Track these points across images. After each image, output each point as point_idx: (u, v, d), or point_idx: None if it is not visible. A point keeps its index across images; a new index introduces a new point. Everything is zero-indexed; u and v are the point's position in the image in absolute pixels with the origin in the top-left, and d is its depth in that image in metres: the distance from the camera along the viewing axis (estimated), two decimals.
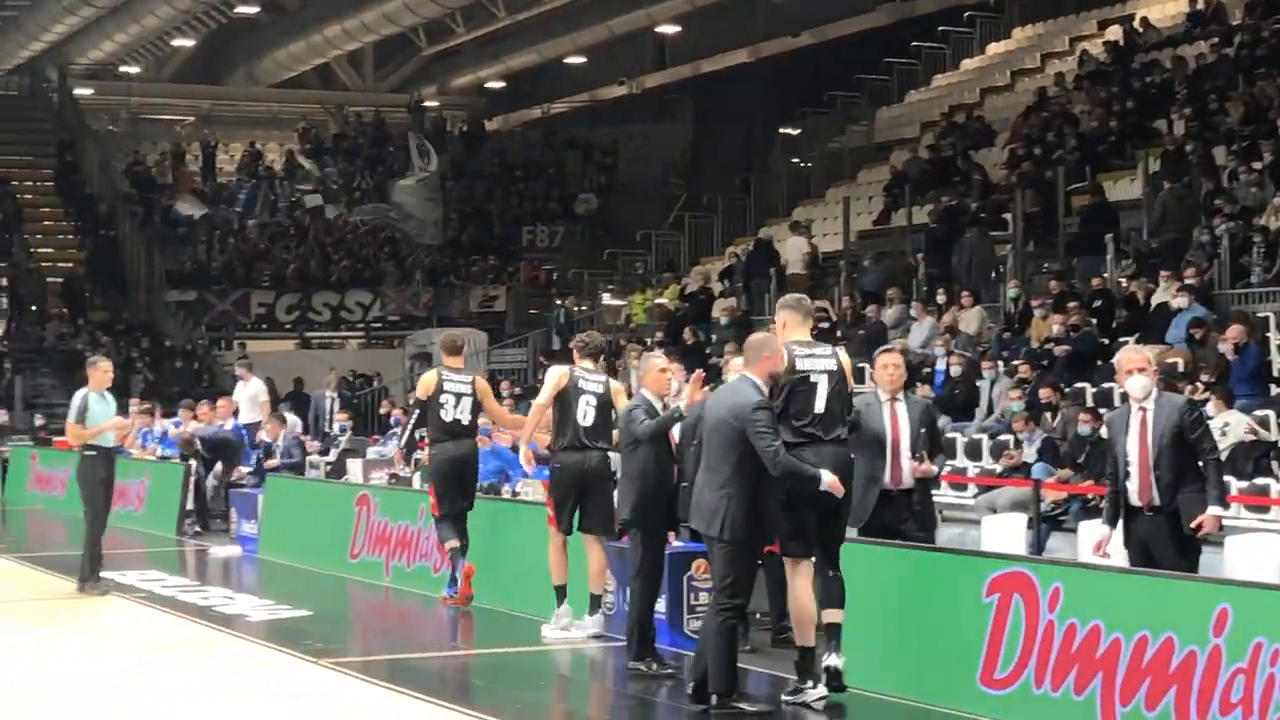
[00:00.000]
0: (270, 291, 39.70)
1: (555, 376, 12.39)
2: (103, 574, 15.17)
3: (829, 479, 9.53)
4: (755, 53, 42.06)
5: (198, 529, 20.74)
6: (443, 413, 13.77)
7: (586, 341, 12.65)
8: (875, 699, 9.89)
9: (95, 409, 15.05)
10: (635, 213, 42.05)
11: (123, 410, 15.59)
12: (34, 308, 37.78)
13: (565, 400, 12.20)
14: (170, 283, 39.30)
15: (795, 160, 36.46)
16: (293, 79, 48.09)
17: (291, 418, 23.07)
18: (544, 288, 40.31)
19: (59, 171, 43.15)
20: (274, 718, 9.79)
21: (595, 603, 12.11)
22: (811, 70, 38.68)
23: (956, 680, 9.54)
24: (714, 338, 25.40)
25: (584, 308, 34.77)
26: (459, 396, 13.83)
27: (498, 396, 17.75)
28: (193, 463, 21.19)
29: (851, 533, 10.37)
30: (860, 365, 22.80)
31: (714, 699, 9.55)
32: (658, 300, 30.28)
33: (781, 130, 37.88)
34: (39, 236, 41.46)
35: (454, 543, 13.69)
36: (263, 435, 21.18)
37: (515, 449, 16.00)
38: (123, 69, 46.48)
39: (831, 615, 9.84)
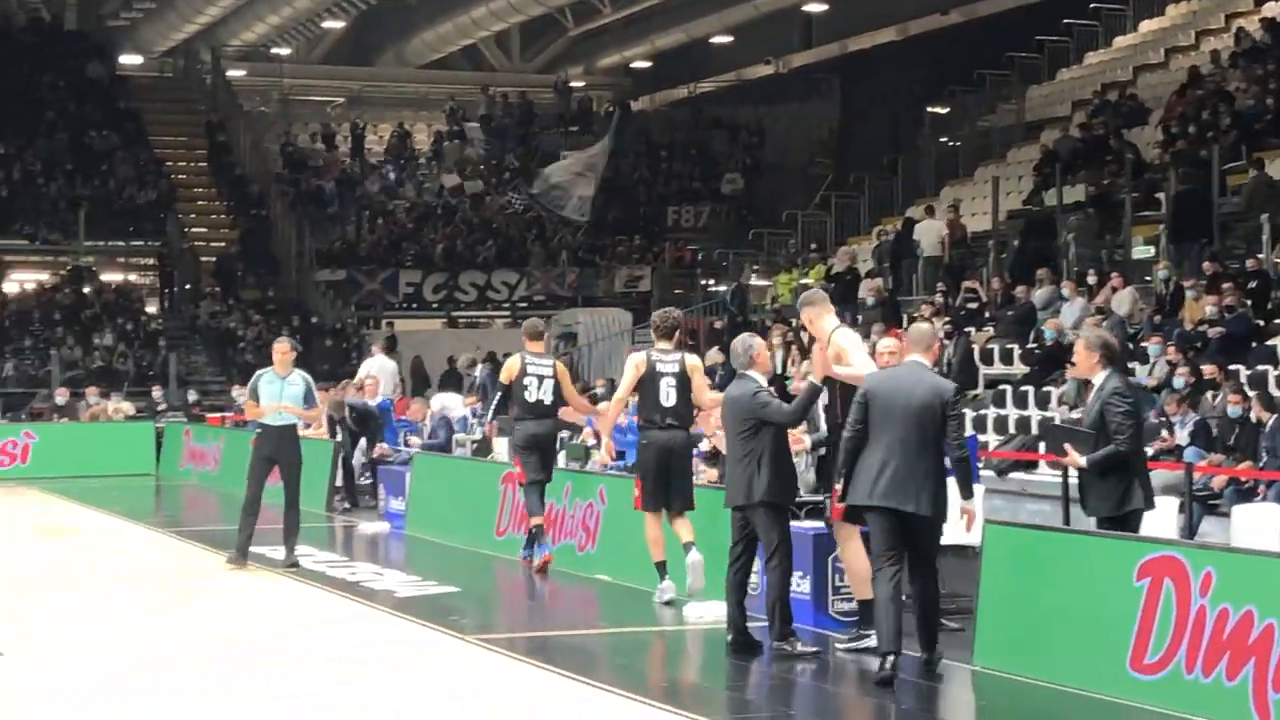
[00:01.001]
0: (418, 271, 40.05)
1: (634, 365, 12.89)
2: (251, 549, 15.37)
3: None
4: (904, 31, 41.70)
5: (346, 505, 21.00)
6: (526, 394, 14.56)
7: (660, 321, 13.01)
8: (1023, 683, 9.79)
9: (263, 388, 15.31)
10: (781, 193, 41.93)
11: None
12: (187, 286, 38.40)
13: (646, 383, 12.67)
14: (320, 262, 39.78)
15: (944, 139, 36.12)
16: (440, 60, 48.47)
17: (447, 397, 23.26)
18: (689, 268, 40.27)
19: (212, 152, 43.80)
20: (421, 692, 9.87)
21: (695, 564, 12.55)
22: (961, 48, 38.27)
23: (1106, 665, 9.41)
24: (859, 319, 25.25)
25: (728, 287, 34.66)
26: (541, 379, 14.62)
27: None
28: (339, 438, 21.43)
29: None
30: (1009, 346, 22.71)
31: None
32: (803, 280, 30.14)
33: (930, 109, 37.55)
34: (193, 216, 42.13)
35: (539, 519, 14.55)
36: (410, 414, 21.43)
37: None
38: (274, 51, 47.11)
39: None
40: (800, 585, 11.66)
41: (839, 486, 10.38)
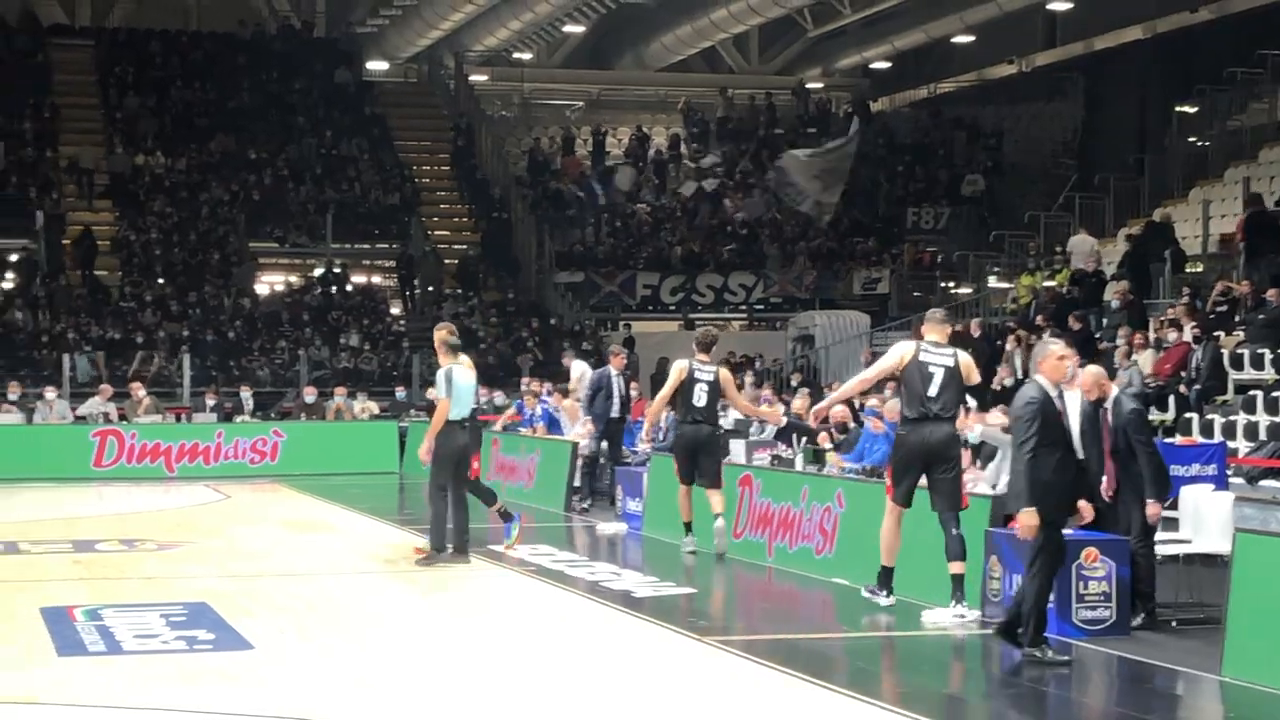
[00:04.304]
0: (655, 273, 40.23)
1: (677, 371, 16.05)
2: (448, 547, 15.57)
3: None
4: (1150, 29, 40.76)
5: (585, 506, 21.16)
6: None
7: (701, 337, 16.30)
8: (1273, 694, 9.50)
9: (459, 382, 15.50)
10: (1023, 194, 41.31)
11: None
12: (430, 288, 39.05)
13: (684, 386, 15.92)
14: (559, 264, 40.18)
15: (1192, 139, 35.27)
16: (678, 62, 48.65)
17: None
18: (929, 269, 39.87)
19: (455, 156, 44.52)
20: (656, 692, 9.88)
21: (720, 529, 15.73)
22: (1210, 46, 37.31)
23: None
24: (1104, 322, 24.76)
25: (969, 290, 34.28)
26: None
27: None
28: (581, 440, 21.61)
29: None
30: (1260, 351, 22.07)
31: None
32: (1046, 283, 29.64)
33: (1177, 108, 36.70)
34: (435, 219, 42.83)
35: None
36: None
37: None
38: (516, 55, 47.72)
39: (956, 567, 12.10)
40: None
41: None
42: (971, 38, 44.24)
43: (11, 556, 16.51)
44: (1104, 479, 11.97)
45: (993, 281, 33.34)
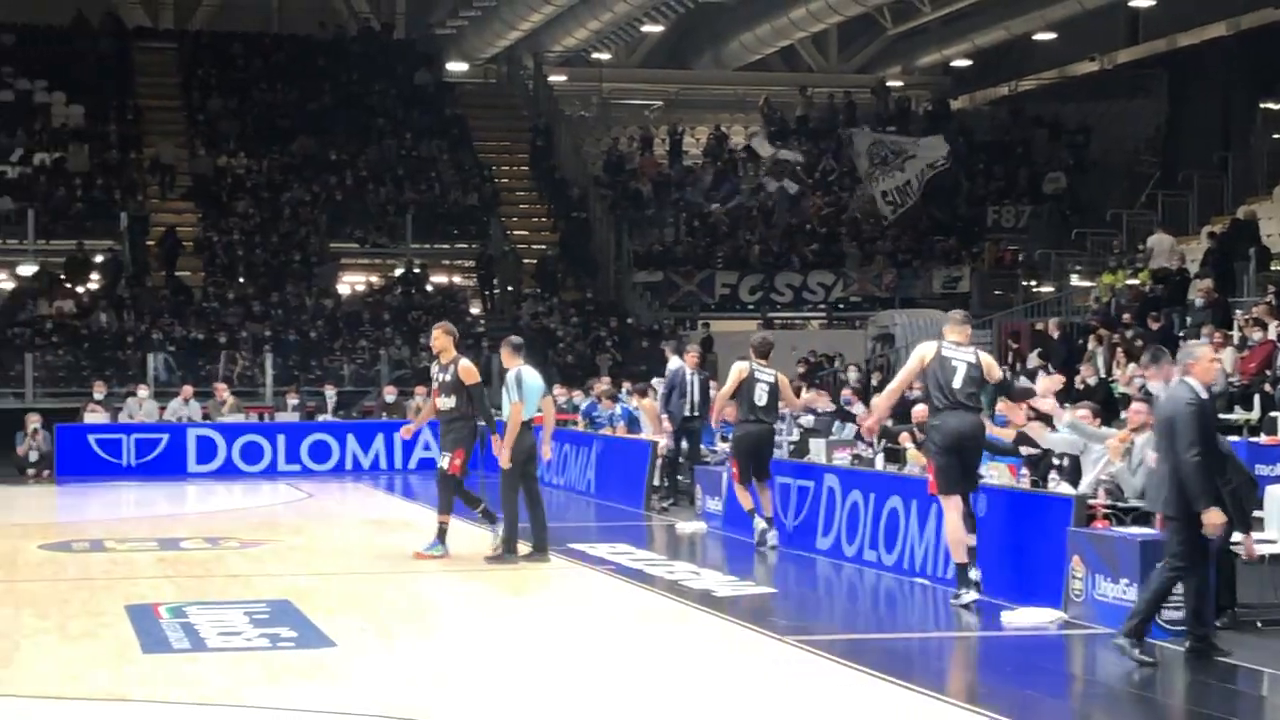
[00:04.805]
0: (733, 272, 40.18)
1: (737, 372, 16.71)
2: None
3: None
4: (1234, 25, 40.36)
5: (667, 505, 21.16)
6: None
7: (759, 344, 16.99)
8: None
9: (528, 382, 15.61)
10: (1105, 191, 40.99)
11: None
12: (509, 288, 39.17)
13: (745, 387, 16.55)
14: (637, 264, 40.21)
15: (1277, 136, 34.90)
16: (757, 61, 48.57)
17: None
18: (1010, 268, 39.62)
19: (533, 156, 44.62)
20: (739, 690, 9.88)
21: (770, 524, 16.59)
22: None
23: None
24: (1187, 320, 24.53)
25: (1051, 289, 34.03)
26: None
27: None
28: (661, 440, 21.61)
29: None
30: None
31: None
32: (1128, 281, 29.40)
33: (1262, 105, 36.32)
34: (514, 220, 42.95)
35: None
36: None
37: None
38: (594, 55, 47.80)
39: (970, 539, 12.86)
40: (1125, 593, 11.38)
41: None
42: (1053, 35, 43.98)
43: (98, 554, 16.69)
44: None
45: (1074, 280, 33.08)
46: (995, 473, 14.65)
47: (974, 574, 12.76)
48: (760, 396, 16.61)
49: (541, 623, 12.35)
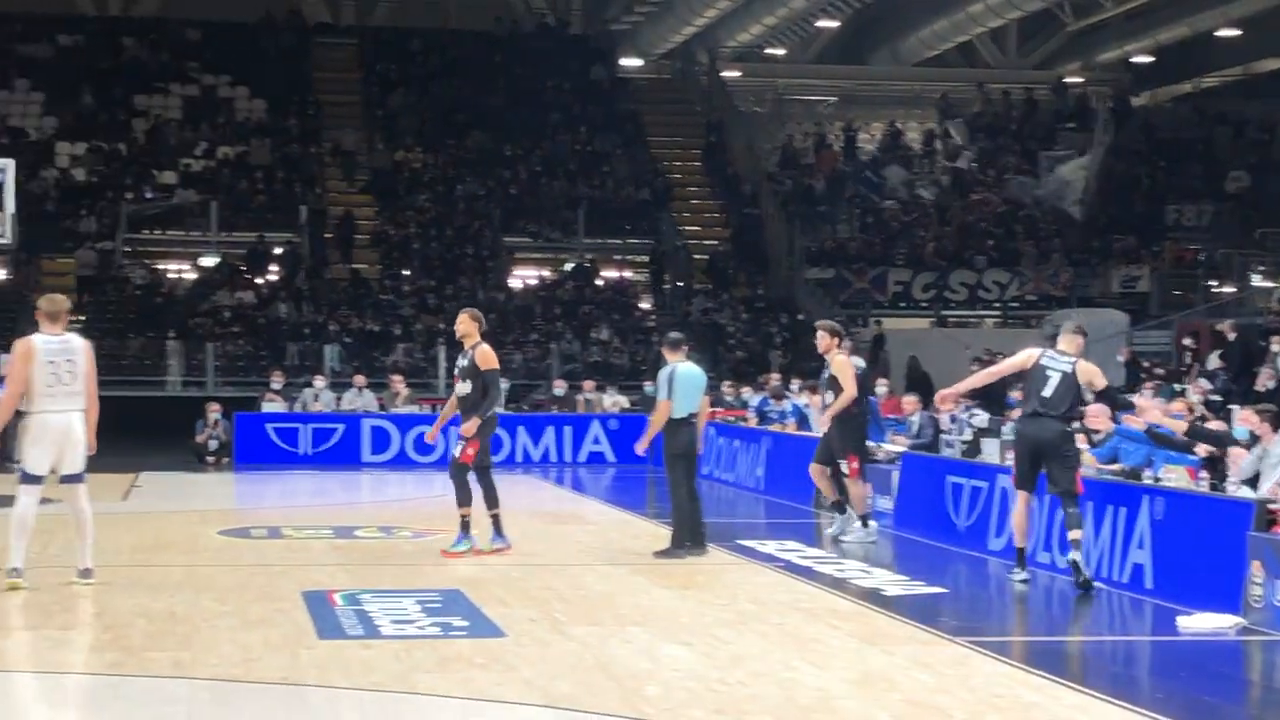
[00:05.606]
0: (908, 270, 39.90)
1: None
2: (686, 545, 15.60)
3: None
4: None
5: (830, 503, 21.01)
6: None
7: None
8: None
9: (681, 378, 15.59)
10: None
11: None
12: (680, 283, 39.23)
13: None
14: (810, 261, 40.06)
15: None
16: (934, 57, 48.16)
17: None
18: (1190, 268, 38.91)
19: (706, 152, 44.64)
20: (908, 689, 9.80)
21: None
22: None
23: None
24: None
25: (1232, 289, 33.38)
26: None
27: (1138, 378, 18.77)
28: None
29: None
30: None
31: None
32: None
33: None
34: (686, 215, 43.01)
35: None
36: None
37: None
38: (769, 51, 47.69)
39: (1075, 534, 13.37)
40: None
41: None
42: (1237, 31, 43.10)
43: (276, 541, 16.98)
44: None
45: (1256, 280, 32.42)
46: (1174, 475, 14.43)
47: (1073, 554, 13.43)
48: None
49: (709, 618, 12.33)
